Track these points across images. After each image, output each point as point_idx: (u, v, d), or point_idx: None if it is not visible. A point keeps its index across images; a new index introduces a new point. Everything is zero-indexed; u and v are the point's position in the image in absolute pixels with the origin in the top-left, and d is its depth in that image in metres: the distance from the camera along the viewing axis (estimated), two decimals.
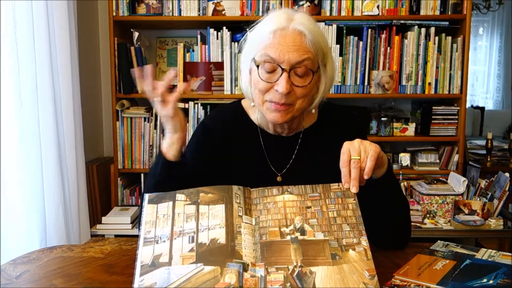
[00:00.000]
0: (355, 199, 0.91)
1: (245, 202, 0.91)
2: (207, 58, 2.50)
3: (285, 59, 1.00)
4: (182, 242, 0.83)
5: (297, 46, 1.01)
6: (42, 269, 0.99)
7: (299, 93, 1.04)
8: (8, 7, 1.71)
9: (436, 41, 2.47)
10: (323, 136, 1.17)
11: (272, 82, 1.03)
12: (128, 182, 2.63)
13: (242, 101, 1.23)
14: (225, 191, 0.91)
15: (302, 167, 1.15)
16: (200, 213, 0.87)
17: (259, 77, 1.04)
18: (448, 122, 2.53)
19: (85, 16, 2.53)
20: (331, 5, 2.45)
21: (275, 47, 1.01)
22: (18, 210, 1.79)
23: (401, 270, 0.93)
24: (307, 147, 1.16)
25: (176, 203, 0.89)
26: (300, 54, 1.01)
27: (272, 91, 1.03)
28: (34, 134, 1.85)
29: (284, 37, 1.01)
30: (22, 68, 1.78)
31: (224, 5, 2.45)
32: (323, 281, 0.77)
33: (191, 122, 2.52)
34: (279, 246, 0.83)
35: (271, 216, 0.88)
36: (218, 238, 0.83)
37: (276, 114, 1.05)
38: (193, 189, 0.91)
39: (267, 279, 0.78)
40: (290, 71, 1.01)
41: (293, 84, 1.02)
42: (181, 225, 0.85)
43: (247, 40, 1.10)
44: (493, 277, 0.87)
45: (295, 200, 0.91)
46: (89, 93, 2.53)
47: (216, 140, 1.17)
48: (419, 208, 2.12)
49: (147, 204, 0.89)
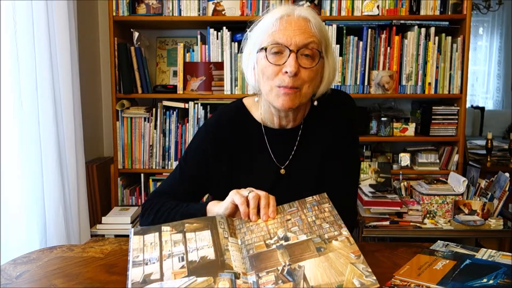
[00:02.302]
0: (329, 203, 0.97)
1: (229, 227, 0.95)
2: (207, 58, 2.50)
3: (292, 42, 1.04)
4: (172, 262, 0.85)
5: (302, 29, 1.05)
6: (42, 269, 0.99)
7: (306, 76, 1.06)
8: (8, 7, 1.71)
9: (436, 41, 2.47)
10: (322, 125, 1.19)
11: (281, 64, 1.05)
12: (128, 182, 2.63)
13: (244, 100, 1.25)
14: (209, 220, 0.96)
15: (304, 158, 1.17)
16: (187, 238, 0.91)
17: (267, 61, 1.06)
18: (448, 122, 2.53)
19: (85, 16, 2.53)
20: (331, 5, 2.45)
21: (281, 32, 1.05)
22: (18, 210, 1.79)
23: (401, 270, 0.93)
24: (307, 138, 1.18)
25: (162, 233, 0.92)
26: (306, 37, 1.05)
27: (280, 75, 1.06)
28: (34, 134, 1.85)
29: (289, 22, 1.05)
30: (22, 68, 1.78)
31: (224, 5, 2.45)
32: (312, 271, 0.80)
33: (191, 122, 2.52)
34: (267, 254, 0.87)
35: (255, 234, 0.93)
36: (207, 255, 0.86)
37: (284, 98, 1.07)
38: (178, 221, 0.95)
39: (259, 282, 0.81)
40: (298, 52, 1.04)
41: (300, 66, 1.05)
42: (169, 249, 0.88)
43: (249, 37, 1.13)
44: (493, 277, 0.87)
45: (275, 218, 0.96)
46: (89, 93, 2.53)
47: (220, 139, 1.19)
48: (419, 208, 2.12)
49: (133, 235, 0.92)
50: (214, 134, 1.20)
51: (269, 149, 1.18)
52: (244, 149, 1.19)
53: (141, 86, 2.52)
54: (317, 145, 1.18)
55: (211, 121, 1.24)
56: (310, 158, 1.17)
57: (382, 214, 2.12)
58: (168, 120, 2.53)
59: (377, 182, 2.30)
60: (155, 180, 2.57)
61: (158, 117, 2.53)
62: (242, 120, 1.21)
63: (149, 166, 2.56)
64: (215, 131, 1.20)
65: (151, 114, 2.53)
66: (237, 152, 1.19)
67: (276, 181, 1.16)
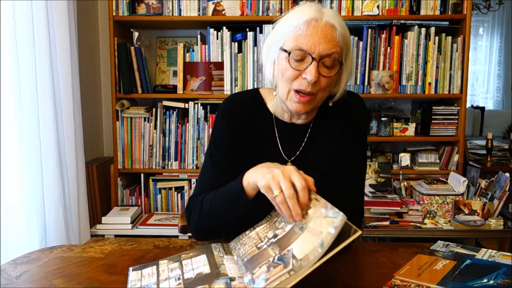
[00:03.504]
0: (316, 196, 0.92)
1: (225, 249, 0.98)
2: (207, 58, 2.50)
3: (316, 50, 1.04)
4: (169, 283, 0.87)
5: (328, 38, 1.04)
6: (42, 269, 0.99)
7: (323, 83, 1.07)
8: (8, 7, 1.71)
9: (436, 41, 2.46)
10: (333, 123, 1.19)
11: (301, 70, 1.06)
12: (128, 182, 2.63)
13: (260, 89, 1.26)
14: (204, 248, 0.99)
15: (311, 154, 1.18)
16: (184, 264, 0.93)
17: (289, 65, 1.06)
18: (448, 122, 2.53)
19: (85, 16, 2.53)
20: (331, 5, 2.45)
21: (307, 38, 1.04)
22: (18, 210, 1.79)
23: (401, 270, 0.93)
24: (317, 135, 1.19)
25: (159, 265, 0.95)
26: (330, 47, 1.04)
27: (299, 79, 1.06)
28: (34, 134, 1.85)
29: (316, 28, 1.04)
30: (22, 68, 1.78)
31: (224, 5, 2.45)
32: (300, 247, 0.81)
33: (191, 122, 2.52)
34: (259, 254, 0.88)
35: (248, 246, 0.94)
36: (203, 271, 0.89)
37: (299, 105, 1.09)
38: (174, 255, 0.99)
39: (253, 277, 0.82)
40: (320, 61, 1.05)
41: (320, 74, 1.05)
42: (166, 275, 0.90)
43: (273, 32, 1.12)
44: (494, 277, 0.87)
45: (264, 225, 0.97)
46: (89, 93, 2.53)
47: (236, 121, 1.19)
48: (419, 208, 2.12)
49: (132, 271, 0.94)
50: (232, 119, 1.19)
51: (278, 141, 1.19)
52: (254, 137, 1.19)
53: (141, 86, 2.51)
54: (326, 142, 1.18)
55: (227, 105, 1.23)
56: (318, 154, 1.18)
57: (382, 214, 2.12)
58: (168, 120, 2.53)
59: (377, 182, 2.30)
60: (155, 180, 2.57)
61: (158, 117, 2.53)
62: (256, 108, 1.22)
63: (149, 166, 2.56)
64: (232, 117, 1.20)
65: (151, 114, 2.53)
66: (247, 140, 1.19)
67: None
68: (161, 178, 2.56)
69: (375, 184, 2.28)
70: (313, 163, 1.17)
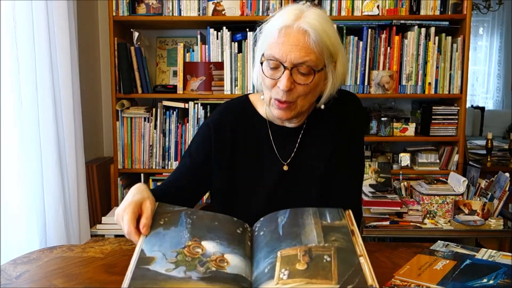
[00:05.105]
0: None
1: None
2: (207, 58, 2.50)
3: (287, 59, 1.02)
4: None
5: (300, 45, 1.02)
6: (42, 269, 0.99)
7: (301, 91, 1.05)
8: (8, 7, 1.71)
9: (436, 41, 2.46)
10: (327, 124, 1.19)
11: (276, 79, 1.05)
12: (128, 182, 2.63)
13: (250, 96, 1.25)
14: None
15: (306, 154, 1.18)
16: None
17: (264, 74, 1.07)
18: (448, 122, 2.53)
19: (85, 16, 2.53)
20: (331, 5, 2.45)
21: (278, 47, 1.03)
22: (18, 210, 1.79)
23: (401, 270, 0.93)
24: (310, 136, 1.19)
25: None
26: (302, 55, 1.02)
27: (276, 88, 1.06)
28: (34, 134, 1.85)
29: (288, 36, 1.02)
30: (22, 68, 1.78)
31: (224, 5, 2.45)
32: None
33: (191, 122, 2.52)
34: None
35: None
36: None
37: (279, 111, 1.09)
38: None
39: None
40: (292, 69, 1.03)
41: (295, 81, 1.04)
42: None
43: (261, 33, 1.12)
44: (493, 277, 0.87)
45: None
46: (89, 93, 2.53)
47: (224, 134, 1.19)
48: (419, 208, 2.12)
49: None
50: (217, 129, 1.19)
51: (273, 145, 1.18)
52: (248, 143, 1.19)
53: (141, 86, 2.51)
54: (319, 144, 1.18)
55: (214, 116, 1.24)
56: (312, 156, 1.17)
57: (382, 214, 2.12)
58: (168, 120, 2.53)
59: (377, 182, 2.30)
60: (155, 180, 2.56)
61: (158, 117, 2.53)
62: (246, 115, 1.21)
63: (149, 166, 2.56)
64: (218, 127, 1.20)
65: (151, 114, 2.53)
66: (241, 147, 1.19)
67: (279, 177, 1.16)
68: (161, 178, 2.56)
69: (375, 184, 2.28)
70: (308, 165, 1.16)
